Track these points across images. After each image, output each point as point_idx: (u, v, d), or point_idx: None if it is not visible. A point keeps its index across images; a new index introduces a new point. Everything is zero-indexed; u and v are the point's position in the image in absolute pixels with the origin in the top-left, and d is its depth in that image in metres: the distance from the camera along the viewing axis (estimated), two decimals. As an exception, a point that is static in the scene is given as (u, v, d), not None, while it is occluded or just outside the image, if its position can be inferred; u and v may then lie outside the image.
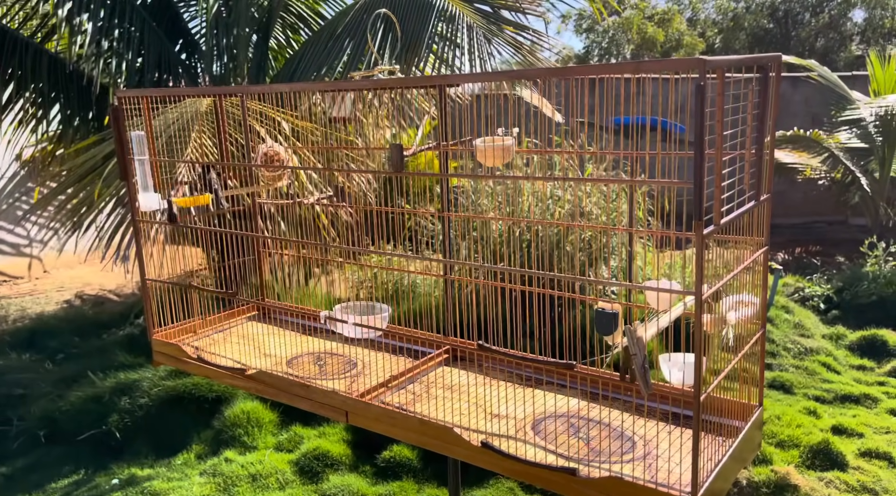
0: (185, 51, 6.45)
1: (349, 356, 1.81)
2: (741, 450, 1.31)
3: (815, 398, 4.79)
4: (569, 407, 1.50)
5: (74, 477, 3.88)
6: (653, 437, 1.36)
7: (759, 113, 1.21)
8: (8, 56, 5.19)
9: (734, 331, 1.27)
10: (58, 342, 5.45)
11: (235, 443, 4.06)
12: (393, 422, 1.45)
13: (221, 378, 1.76)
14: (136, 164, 1.70)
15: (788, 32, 18.12)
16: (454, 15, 5.24)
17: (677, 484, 1.17)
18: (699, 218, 1.03)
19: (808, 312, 6.28)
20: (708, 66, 0.98)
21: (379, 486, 3.75)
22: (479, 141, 1.52)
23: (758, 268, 1.34)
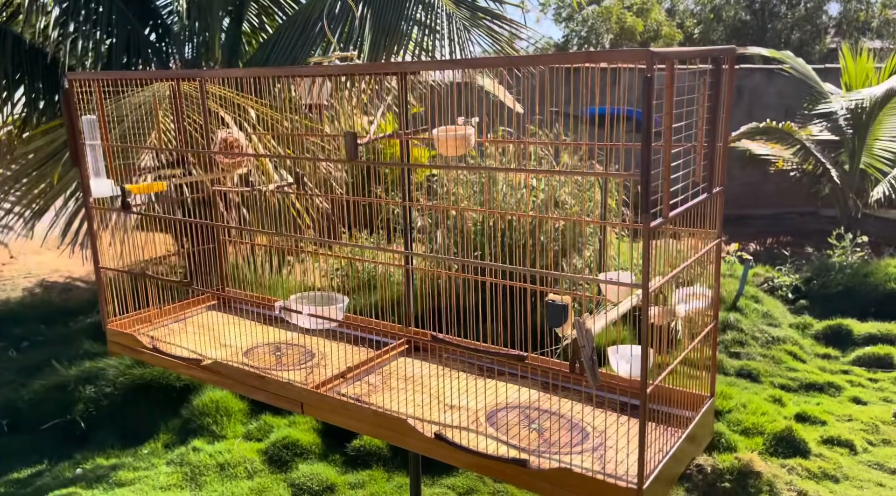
0: (154, 33, 6.32)
1: (308, 347, 1.80)
2: (693, 439, 1.32)
3: (780, 386, 4.87)
4: (523, 398, 1.51)
5: (38, 466, 3.82)
6: (605, 428, 1.37)
7: (711, 105, 1.21)
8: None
9: (683, 323, 1.28)
10: (22, 329, 5.35)
11: (204, 432, 4.03)
12: (348, 414, 1.44)
13: (177, 368, 1.73)
14: (88, 148, 1.66)
15: (765, 24, 18.26)
16: (432, 3, 5.20)
17: (626, 475, 1.18)
18: (646, 210, 1.02)
19: (776, 302, 6.37)
20: (656, 58, 0.97)
21: (349, 475, 3.75)
22: (436, 130, 1.50)
23: (711, 261, 1.35)
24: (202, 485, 3.65)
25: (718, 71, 1.19)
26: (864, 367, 5.20)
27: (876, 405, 4.61)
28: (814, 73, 9.10)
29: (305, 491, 3.61)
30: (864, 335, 5.61)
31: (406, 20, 4.74)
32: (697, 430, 1.35)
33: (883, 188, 7.78)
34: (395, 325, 1.78)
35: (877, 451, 4.05)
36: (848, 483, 3.73)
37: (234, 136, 1.83)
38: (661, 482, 1.17)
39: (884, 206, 8.01)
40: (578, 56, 1.08)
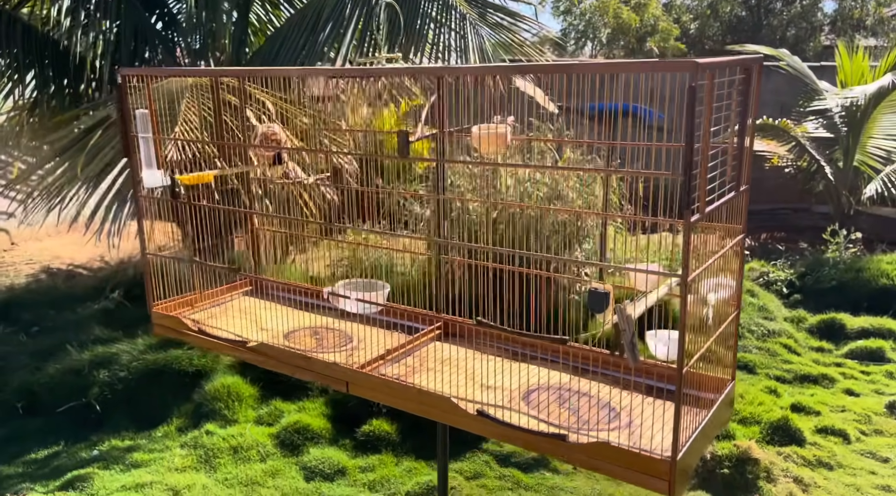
0: (161, 21, 6.36)
1: (345, 331, 1.89)
2: (715, 419, 1.43)
3: (776, 378, 5.01)
4: (555, 380, 1.61)
5: (54, 448, 3.90)
6: (636, 409, 1.47)
7: (741, 110, 1.31)
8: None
9: (713, 311, 1.38)
10: (32, 315, 5.41)
11: (216, 416, 4.12)
12: (392, 393, 1.54)
13: (222, 349, 1.82)
14: (140, 141, 1.74)
15: (760, 21, 18.39)
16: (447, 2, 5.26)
17: (658, 448, 1.28)
18: (687, 207, 1.12)
19: (771, 296, 6.51)
20: (700, 69, 1.07)
21: (359, 459, 3.85)
22: (475, 128, 1.59)
23: (735, 254, 1.46)
24: (216, 468, 3.75)
25: (749, 78, 1.29)
26: (857, 360, 5.34)
27: (868, 396, 4.75)
28: (809, 71, 9.23)
29: (317, 474, 3.71)
30: (856, 329, 5.76)
31: (420, 18, 4.80)
32: (720, 411, 1.46)
33: (875, 185, 7.93)
34: (429, 311, 1.88)
35: (869, 441, 4.20)
36: (842, 470, 3.87)
37: (274, 130, 1.92)
38: (690, 456, 1.28)
39: (876, 203, 8.16)
40: (628, 65, 1.17)
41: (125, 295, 5.65)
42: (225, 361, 4.51)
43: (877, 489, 3.70)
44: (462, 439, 4.05)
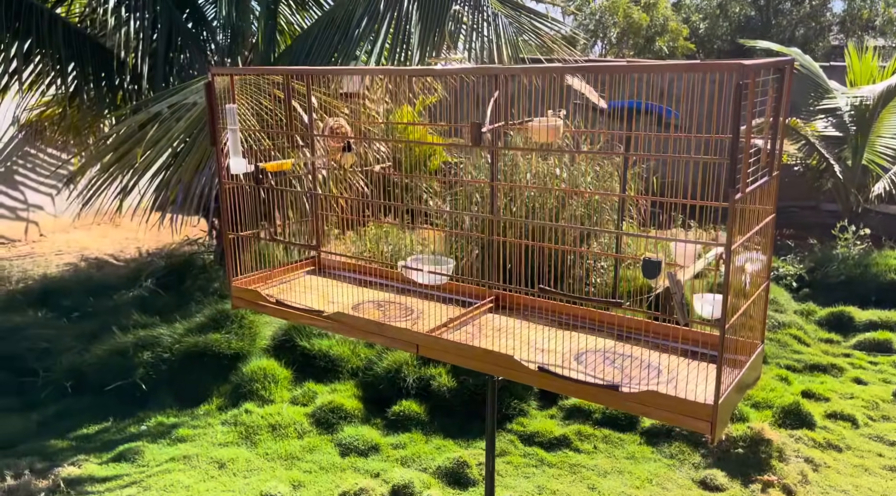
0: (191, 20, 6.57)
1: (406, 304, 2.10)
2: (747, 376, 1.63)
3: (786, 367, 5.21)
4: (602, 345, 1.81)
5: (104, 423, 4.13)
6: (676, 368, 1.68)
7: (775, 106, 1.50)
8: (25, 20, 5.29)
9: (749, 278, 1.58)
10: (70, 301, 5.64)
11: (253, 396, 4.34)
12: (460, 352, 1.74)
13: (300, 319, 2.03)
14: (229, 132, 1.95)
15: (770, 20, 18.53)
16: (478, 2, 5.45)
17: (701, 398, 1.48)
18: (732, 186, 1.32)
19: (781, 290, 6.70)
20: (747, 70, 1.26)
21: (390, 437, 4.06)
22: (534, 120, 1.80)
23: (767, 231, 1.65)
24: (256, 443, 3.97)
25: (782, 78, 1.49)
26: (865, 351, 5.53)
27: (876, 385, 4.94)
28: (819, 70, 9.39)
29: (352, 450, 3.93)
30: (864, 322, 5.95)
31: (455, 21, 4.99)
32: (751, 370, 1.66)
33: (884, 183, 8.11)
34: (476, 287, 2.09)
35: (877, 426, 4.39)
36: (850, 452, 4.07)
37: (340, 123, 2.12)
38: (727, 405, 1.48)
39: (884, 201, 8.34)
40: (675, 66, 1.37)
41: (157, 283, 5.88)
42: (260, 345, 4.73)
43: (884, 469, 3.90)
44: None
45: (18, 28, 5.25)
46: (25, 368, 4.54)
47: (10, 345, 4.78)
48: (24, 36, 5.30)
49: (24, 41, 5.36)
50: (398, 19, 4.84)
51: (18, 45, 5.33)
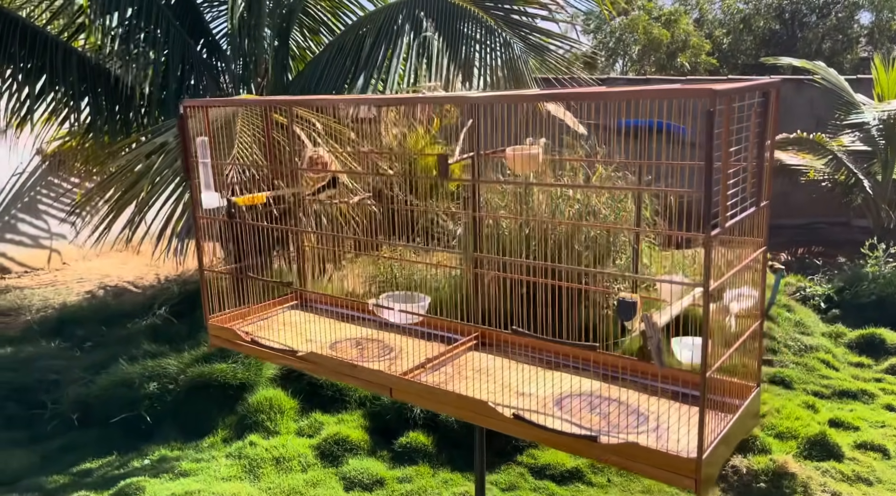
0: (205, 49, 6.64)
1: (385, 341, 2.01)
2: (741, 423, 1.50)
3: (813, 393, 4.98)
4: (586, 388, 1.70)
5: (108, 458, 4.09)
6: (663, 413, 1.55)
7: (759, 131, 1.39)
8: (39, 53, 5.38)
9: (736, 319, 1.46)
10: (85, 330, 5.66)
11: (259, 428, 4.26)
12: (433, 398, 1.64)
13: (274, 359, 1.95)
14: (200, 166, 1.89)
15: (795, 34, 18.24)
16: (479, 19, 5.42)
17: (684, 450, 1.36)
18: (708, 222, 1.21)
19: (808, 311, 6.46)
20: (718, 96, 1.16)
21: (396, 470, 3.95)
22: (509, 149, 1.71)
23: (757, 267, 1.53)
24: (260, 477, 3.88)
25: (767, 102, 1.38)
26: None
27: (909, 412, 4.70)
28: (846, 84, 9.16)
29: (356, 484, 3.82)
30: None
31: (463, 42, 4.95)
32: (744, 416, 1.53)
33: (916, 199, 7.82)
34: (461, 323, 1.98)
35: (910, 456, 4.15)
36: (881, 486, 3.84)
37: (320, 154, 2.06)
38: (715, 457, 1.35)
39: (917, 216, 8.04)
40: (645, 92, 1.27)
41: (170, 311, 5.87)
42: (267, 375, 4.67)
43: (918, 505, 3.67)
44: (497, 451, 4.12)
45: (33, 65, 5.34)
46: (34, 400, 4.54)
47: (21, 376, 4.79)
48: (39, 72, 5.40)
49: (40, 76, 5.45)
50: (409, 45, 4.82)
51: (34, 79, 5.43)
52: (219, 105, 1.99)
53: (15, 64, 5.28)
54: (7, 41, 5.16)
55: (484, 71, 5.12)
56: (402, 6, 5.12)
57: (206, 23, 6.60)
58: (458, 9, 5.12)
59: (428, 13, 4.96)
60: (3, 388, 4.62)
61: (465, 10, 5.31)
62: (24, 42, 5.27)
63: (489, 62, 5.16)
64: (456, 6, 5.14)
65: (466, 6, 5.42)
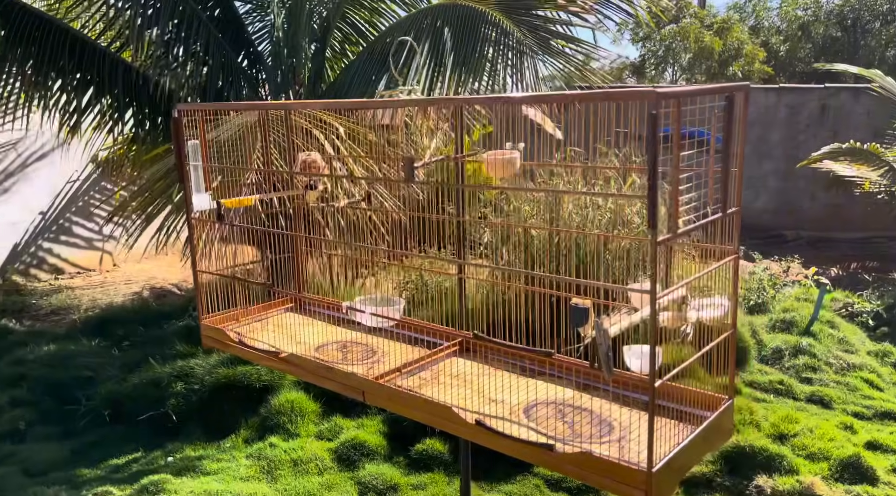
0: (247, 60, 6.83)
1: (371, 345, 2.02)
2: (707, 435, 1.45)
3: (853, 413, 4.76)
4: (558, 396, 1.67)
5: (134, 454, 4.21)
6: (631, 424, 1.51)
7: (724, 135, 1.35)
8: (87, 64, 5.64)
9: (692, 328, 1.41)
10: (125, 330, 5.86)
11: (280, 430, 4.33)
12: (402, 402, 1.64)
13: (259, 359, 1.99)
14: (192, 169, 1.95)
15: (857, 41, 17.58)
16: (505, 29, 5.43)
17: (645, 462, 1.32)
18: (653, 226, 1.18)
19: (855, 328, 6.19)
20: (660, 98, 1.13)
21: (412, 477, 3.95)
22: (487, 154, 1.70)
23: (728, 275, 1.48)
24: (277, 479, 3.94)
25: (730, 106, 1.34)
26: (947, 398, 5.00)
27: (956, 437, 4.44)
28: (903, 93, 8.78)
29: (371, 489, 3.84)
30: (948, 365, 5.39)
31: (480, 48, 4.98)
32: (714, 428, 1.48)
33: (977, 212, 7.42)
34: (449, 329, 1.98)
35: (952, 483, 3.92)
36: (917, 513, 3.64)
37: (313, 158, 2.09)
38: (671, 469, 1.31)
39: (979, 231, 7.61)
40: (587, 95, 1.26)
41: (206, 314, 6.03)
42: (290, 378, 4.74)
43: (956, 535, 3.46)
44: (514, 462, 4.08)
45: (81, 77, 5.59)
46: (69, 396, 4.72)
47: (59, 372, 4.99)
48: (87, 84, 5.65)
49: (87, 88, 5.71)
50: (431, 50, 4.85)
51: (82, 91, 5.68)
52: (215, 109, 2.05)
53: (64, 76, 5.54)
54: (57, 53, 5.42)
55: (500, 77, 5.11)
56: (428, 13, 5.18)
57: (248, 34, 6.79)
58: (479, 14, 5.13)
59: (447, 21, 4.99)
60: (40, 384, 4.82)
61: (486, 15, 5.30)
62: (73, 54, 5.53)
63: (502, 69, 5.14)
64: (478, 11, 5.16)
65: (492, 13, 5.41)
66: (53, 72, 5.55)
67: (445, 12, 5.23)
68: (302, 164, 2.10)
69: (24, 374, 5.02)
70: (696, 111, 1.40)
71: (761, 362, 5.51)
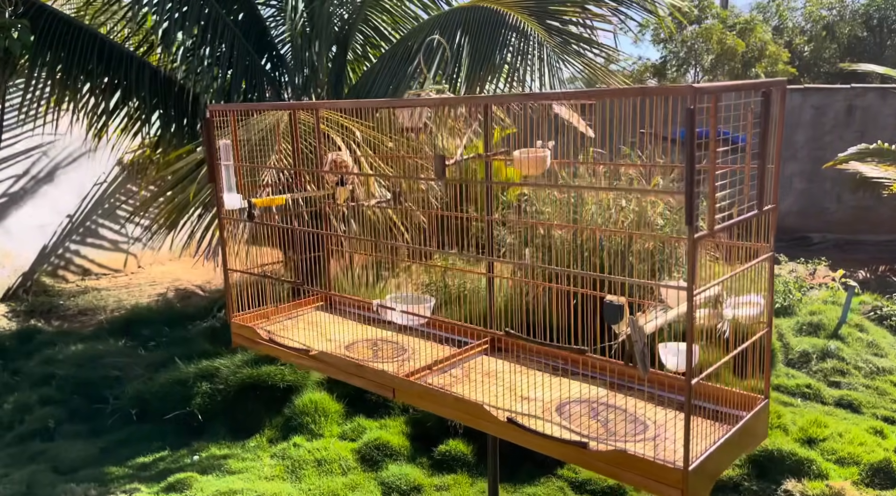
0: (270, 62, 6.89)
1: (401, 343, 2.02)
2: (741, 437, 1.43)
3: (883, 418, 4.68)
4: (591, 394, 1.66)
5: (161, 453, 4.26)
6: (666, 423, 1.50)
7: (761, 131, 1.33)
8: (115, 68, 5.72)
9: (730, 325, 1.40)
10: (150, 331, 5.93)
11: (303, 430, 4.35)
12: (432, 399, 1.64)
13: (288, 357, 2.00)
14: (223, 168, 1.97)
15: (884, 41, 17.31)
16: (526, 32, 5.42)
17: (681, 461, 1.31)
18: (690, 223, 1.17)
19: (884, 331, 6.09)
20: (697, 93, 1.12)
21: (434, 478, 3.95)
22: (517, 152, 1.70)
23: (764, 274, 1.47)
24: (301, 478, 3.96)
25: (767, 102, 1.32)
26: (980, 403, 4.89)
27: None
28: (932, 93, 8.63)
29: (394, 489, 3.84)
30: (981, 369, 5.28)
31: (500, 50, 4.99)
32: (748, 429, 1.46)
33: None
34: (479, 327, 1.98)
35: None
36: (951, 519, 3.57)
37: (343, 158, 2.11)
38: (705, 469, 1.30)
39: None
40: (621, 92, 1.25)
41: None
42: (314, 378, 4.77)
43: None
44: (539, 463, 4.06)
45: (109, 80, 5.67)
46: (97, 395, 4.79)
47: (88, 371, 5.06)
48: (115, 88, 5.73)
49: (115, 92, 5.79)
50: (451, 51, 4.86)
51: (110, 94, 5.77)
52: (243, 109, 2.07)
53: (92, 80, 5.62)
54: (86, 57, 5.51)
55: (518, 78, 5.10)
56: (450, 16, 5.19)
57: (271, 37, 6.85)
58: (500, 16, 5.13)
59: (467, 25, 4.99)
60: (69, 383, 4.89)
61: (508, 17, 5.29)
62: (101, 58, 5.62)
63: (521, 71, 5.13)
64: (500, 14, 5.15)
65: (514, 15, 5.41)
66: (82, 75, 5.64)
67: (467, 14, 5.24)
68: (331, 163, 2.12)
69: (53, 374, 5.10)
70: (729, 110, 1.38)
71: (788, 366, 5.44)
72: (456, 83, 4.83)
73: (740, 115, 1.31)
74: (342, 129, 3.47)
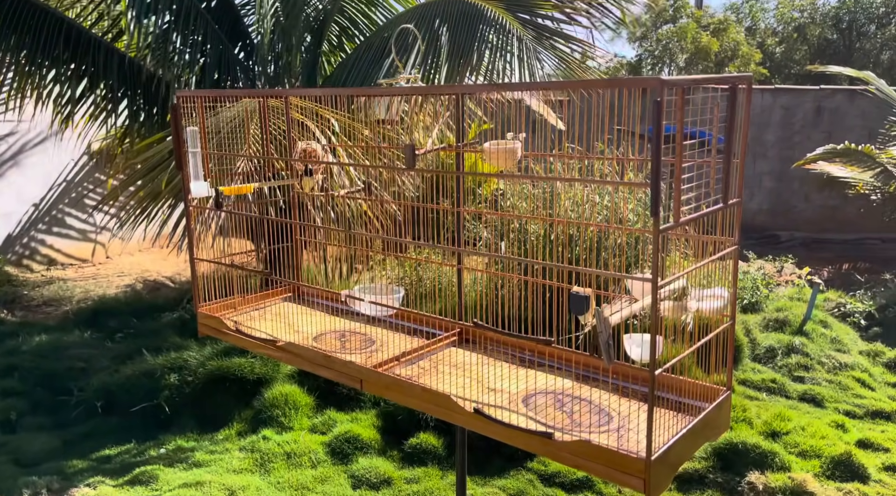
0: (243, 51, 6.79)
1: (369, 334, 2.01)
2: (704, 427, 1.45)
3: (845, 412, 4.79)
4: (557, 386, 1.67)
5: (126, 445, 4.20)
6: (630, 414, 1.51)
7: (727, 126, 1.35)
8: (82, 54, 5.60)
9: (693, 317, 1.42)
10: (117, 322, 5.83)
11: (273, 423, 4.32)
12: (400, 390, 1.64)
13: (256, 348, 1.98)
14: (190, 156, 1.94)
15: (853, 44, 17.66)
16: (503, 26, 5.42)
17: (643, 451, 1.32)
18: (655, 214, 1.18)
19: (847, 328, 6.22)
20: (665, 85, 1.13)
21: (405, 471, 3.95)
22: (487, 144, 1.70)
23: (728, 267, 1.48)
24: (270, 471, 3.93)
25: (733, 96, 1.34)
26: (937, 398, 5.03)
27: (946, 436, 4.47)
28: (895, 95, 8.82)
29: (364, 482, 3.83)
30: (939, 365, 5.43)
31: (479, 45, 4.98)
32: (711, 420, 1.48)
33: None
34: (448, 319, 1.98)
35: (942, 482, 3.95)
36: (908, 510, 3.67)
37: (313, 147, 2.08)
38: (668, 459, 1.31)
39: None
40: (591, 82, 1.25)
41: (200, 306, 6.01)
42: (285, 370, 4.73)
43: (946, 533, 3.49)
44: (508, 456, 4.08)
45: (76, 67, 5.54)
46: (62, 387, 4.70)
47: (52, 363, 4.96)
48: (82, 75, 5.60)
49: (82, 79, 5.66)
50: (428, 43, 4.84)
51: (76, 82, 5.64)
52: (212, 96, 2.04)
53: (58, 67, 5.49)
54: (51, 43, 5.38)
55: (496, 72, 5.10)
56: (426, 8, 5.17)
57: (244, 26, 6.76)
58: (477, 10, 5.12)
59: (445, 16, 4.98)
60: (33, 375, 4.79)
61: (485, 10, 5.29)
62: (67, 44, 5.49)
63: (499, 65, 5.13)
64: (477, 7, 5.15)
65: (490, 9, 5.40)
66: (48, 61, 5.50)
67: (444, 7, 5.23)
68: (301, 152, 2.10)
69: (16, 365, 4.99)
70: (698, 111, 1.40)
71: (754, 361, 5.53)
72: (434, 76, 4.81)
73: (707, 109, 1.32)
74: (318, 118, 3.44)
